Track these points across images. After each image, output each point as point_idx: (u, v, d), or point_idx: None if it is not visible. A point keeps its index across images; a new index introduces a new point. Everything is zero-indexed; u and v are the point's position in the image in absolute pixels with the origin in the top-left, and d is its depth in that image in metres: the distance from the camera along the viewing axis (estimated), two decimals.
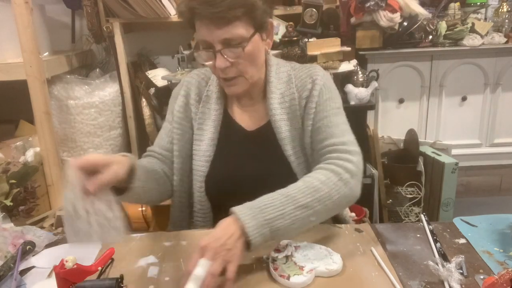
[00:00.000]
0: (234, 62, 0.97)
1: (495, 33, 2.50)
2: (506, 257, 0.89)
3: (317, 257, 0.87)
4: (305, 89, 1.07)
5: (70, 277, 0.77)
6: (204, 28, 0.94)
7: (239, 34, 0.94)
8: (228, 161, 1.10)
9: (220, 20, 0.91)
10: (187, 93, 1.14)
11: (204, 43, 0.97)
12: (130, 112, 2.39)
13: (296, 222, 0.84)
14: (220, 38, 0.93)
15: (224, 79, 1.01)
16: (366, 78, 2.30)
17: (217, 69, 0.98)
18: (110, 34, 2.27)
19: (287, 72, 1.10)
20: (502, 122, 2.67)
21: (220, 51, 0.95)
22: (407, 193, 2.21)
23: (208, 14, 0.91)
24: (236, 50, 0.95)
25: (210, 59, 0.98)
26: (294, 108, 1.07)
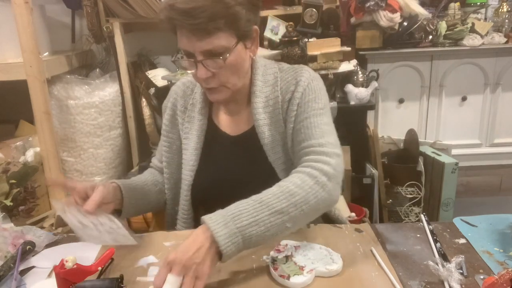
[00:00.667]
0: (216, 73, 0.94)
1: (495, 33, 2.50)
2: (506, 257, 0.89)
3: (317, 257, 0.87)
4: (288, 92, 1.04)
5: (70, 277, 0.77)
6: (184, 38, 0.91)
7: (221, 45, 0.91)
8: (212, 169, 1.09)
9: (201, 32, 0.88)
10: (173, 104, 1.15)
11: (185, 52, 0.95)
12: (130, 112, 2.39)
13: (271, 228, 0.80)
14: (201, 49, 0.91)
15: (207, 88, 1.00)
16: (366, 78, 2.30)
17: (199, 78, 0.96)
18: (110, 34, 2.27)
19: (273, 74, 1.07)
20: (502, 122, 2.67)
21: (202, 61, 0.92)
22: (407, 193, 2.21)
23: (187, 25, 0.88)
24: (217, 61, 0.92)
25: (192, 68, 0.96)
26: (277, 112, 1.04)
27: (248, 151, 1.08)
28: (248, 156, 1.08)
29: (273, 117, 1.05)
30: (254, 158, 1.06)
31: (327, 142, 0.95)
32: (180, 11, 0.86)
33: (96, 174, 2.33)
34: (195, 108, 1.11)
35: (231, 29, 0.91)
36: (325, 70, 2.19)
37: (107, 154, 2.35)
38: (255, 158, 1.06)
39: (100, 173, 2.34)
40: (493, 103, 2.64)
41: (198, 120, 1.10)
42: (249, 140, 1.07)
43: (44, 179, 2.03)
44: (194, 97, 1.12)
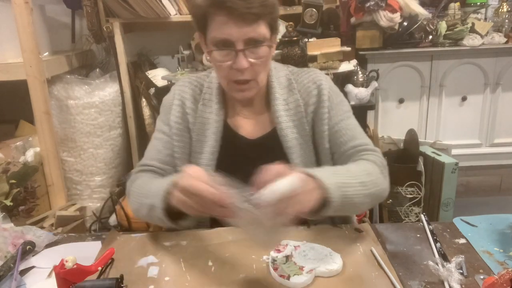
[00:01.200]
0: (253, 64, 0.93)
1: (495, 33, 2.50)
2: (506, 257, 0.89)
3: (317, 257, 0.87)
4: (311, 95, 1.05)
5: (70, 277, 0.77)
6: (229, 25, 0.89)
7: (263, 34, 0.91)
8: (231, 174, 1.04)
9: (250, 16, 0.88)
10: (182, 102, 1.08)
11: (223, 42, 0.91)
12: (130, 112, 2.39)
13: (357, 197, 0.86)
14: (246, 37, 0.90)
15: (237, 82, 0.96)
16: (366, 78, 2.30)
17: (233, 71, 0.94)
18: (110, 34, 2.27)
19: (286, 77, 1.08)
20: (502, 122, 2.67)
21: (244, 50, 0.91)
22: (407, 193, 2.21)
23: (242, 8, 0.86)
24: (258, 51, 0.92)
25: (228, 60, 0.93)
26: (300, 115, 1.05)
27: (270, 154, 1.03)
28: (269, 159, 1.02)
29: (295, 120, 1.05)
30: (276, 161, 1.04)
31: (370, 142, 1.04)
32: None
33: (96, 174, 2.33)
34: (207, 109, 1.07)
35: (270, 20, 0.93)
36: (325, 70, 2.19)
37: (107, 154, 2.35)
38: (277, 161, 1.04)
39: (100, 173, 2.34)
40: (493, 103, 2.64)
41: (215, 122, 1.05)
42: (270, 143, 1.06)
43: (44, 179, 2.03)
44: (205, 98, 1.07)
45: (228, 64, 0.93)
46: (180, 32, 2.44)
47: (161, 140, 1.09)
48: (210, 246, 0.95)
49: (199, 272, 0.86)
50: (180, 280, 0.84)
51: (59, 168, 2.07)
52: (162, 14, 2.21)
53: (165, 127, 1.09)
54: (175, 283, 0.83)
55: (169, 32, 2.51)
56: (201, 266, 0.88)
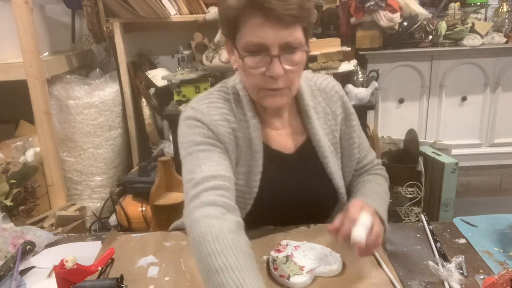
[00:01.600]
0: (288, 71, 0.87)
1: (495, 33, 2.50)
2: (506, 257, 0.89)
3: (317, 257, 0.87)
4: (336, 105, 1.04)
5: (70, 277, 0.77)
6: (265, 27, 0.82)
7: (299, 38, 0.86)
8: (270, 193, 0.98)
9: (288, 19, 0.82)
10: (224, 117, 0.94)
11: (257, 46, 0.84)
12: (130, 112, 2.40)
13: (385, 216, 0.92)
14: (282, 41, 0.84)
15: (269, 89, 0.89)
16: (366, 78, 2.30)
17: (266, 78, 0.87)
18: (110, 34, 2.27)
19: (306, 83, 1.03)
20: (502, 122, 2.67)
21: (279, 56, 0.85)
22: (407, 193, 2.21)
23: (280, 9, 0.80)
24: (294, 57, 0.86)
25: (262, 66, 0.86)
26: (330, 123, 1.03)
27: (307, 166, 1.02)
28: (307, 172, 1.02)
29: (326, 128, 1.03)
30: (314, 172, 1.02)
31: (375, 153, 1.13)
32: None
33: (96, 174, 2.33)
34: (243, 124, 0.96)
35: (305, 24, 0.87)
36: (325, 70, 2.19)
37: (107, 154, 2.35)
38: (315, 172, 1.02)
39: (100, 173, 2.34)
40: (493, 103, 2.64)
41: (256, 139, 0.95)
42: (306, 154, 1.02)
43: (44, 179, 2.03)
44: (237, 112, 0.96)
45: (261, 71, 0.87)
46: (180, 32, 2.44)
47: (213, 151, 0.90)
48: None
49: None
50: (180, 280, 0.84)
51: (59, 168, 2.07)
52: (162, 14, 2.21)
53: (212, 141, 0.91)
54: (175, 283, 0.83)
55: (169, 32, 2.51)
56: None
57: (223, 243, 0.72)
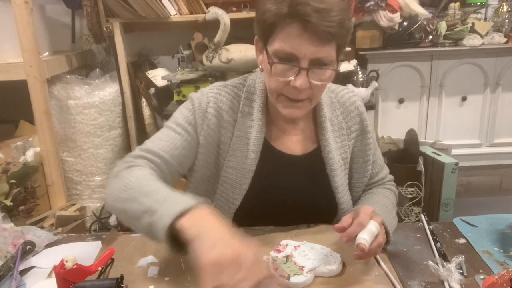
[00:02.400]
0: (312, 85, 0.87)
1: (495, 33, 2.50)
2: (506, 257, 0.89)
3: (317, 257, 0.86)
4: (353, 121, 1.04)
5: (70, 277, 0.76)
6: (300, 39, 0.82)
7: (331, 55, 0.85)
8: (264, 192, 1.00)
9: (326, 36, 0.81)
10: (218, 112, 0.97)
11: (289, 55, 0.84)
12: (130, 112, 2.39)
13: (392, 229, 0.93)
14: (314, 56, 0.83)
15: (289, 99, 0.90)
16: (366, 78, 2.30)
17: (290, 87, 0.87)
18: (110, 34, 2.27)
19: (326, 94, 1.03)
20: (502, 122, 2.67)
21: (308, 70, 0.84)
22: (407, 193, 2.21)
23: (320, 25, 0.79)
24: (322, 73, 0.86)
25: (290, 75, 0.86)
26: (343, 138, 1.03)
27: (311, 174, 1.02)
28: (311, 180, 1.02)
29: (338, 142, 1.02)
30: (318, 183, 1.01)
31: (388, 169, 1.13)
32: (315, 9, 0.79)
33: (96, 174, 2.33)
34: (247, 122, 0.98)
35: (340, 42, 0.86)
36: None
37: (107, 154, 2.35)
38: (319, 183, 1.01)
39: (100, 173, 2.34)
40: (493, 103, 2.64)
41: (255, 140, 0.97)
42: (313, 162, 1.02)
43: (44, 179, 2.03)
44: (243, 110, 0.98)
45: (287, 80, 0.86)
46: (180, 32, 2.44)
47: (181, 135, 0.95)
48: None
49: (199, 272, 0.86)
50: (180, 280, 0.84)
51: (59, 168, 2.07)
52: (162, 14, 2.21)
53: (189, 127, 0.96)
54: (175, 283, 0.83)
55: (169, 32, 2.51)
56: None
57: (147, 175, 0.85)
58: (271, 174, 1.00)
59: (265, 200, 1.00)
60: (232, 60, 2.07)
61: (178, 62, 2.32)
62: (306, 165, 1.02)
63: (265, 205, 1.00)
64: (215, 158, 1.00)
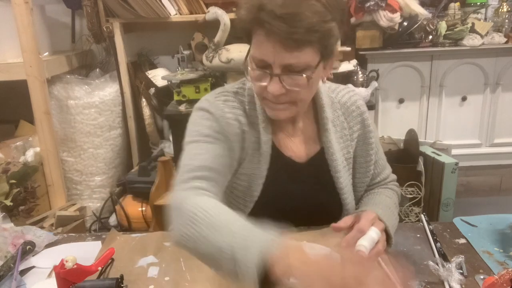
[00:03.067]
0: (290, 90, 0.84)
1: (495, 33, 2.50)
2: (506, 257, 0.89)
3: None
4: (354, 121, 1.02)
5: (70, 277, 0.77)
6: (266, 46, 0.79)
7: (306, 61, 0.80)
8: (274, 199, 0.98)
9: (291, 42, 0.77)
10: (236, 118, 0.94)
11: (260, 62, 0.83)
12: (130, 112, 2.39)
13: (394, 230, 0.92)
14: (283, 63, 0.80)
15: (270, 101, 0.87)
16: (366, 78, 2.30)
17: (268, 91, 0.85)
18: (110, 34, 2.27)
19: (326, 93, 1.01)
20: (502, 122, 2.67)
21: (279, 76, 0.82)
22: (407, 193, 2.21)
23: (281, 33, 0.76)
24: (297, 78, 0.82)
25: (263, 81, 0.84)
26: (346, 138, 1.01)
27: (317, 178, 1.01)
28: (316, 183, 1.01)
29: (341, 143, 1.01)
30: (324, 185, 1.00)
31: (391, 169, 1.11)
32: (275, 15, 0.75)
33: (96, 174, 2.33)
34: (254, 126, 0.95)
35: (319, 46, 0.81)
36: None
37: (107, 154, 2.35)
38: (325, 185, 1.00)
39: (100, 173, 2.34)
40: (493, 103, 2.64)
41: (264, 143, 0.94)
42: (318, 165, 1.00)
43: (44, 179, 2.03)
44: (251, 114, 0.96)
45: (264, 85, 0.85)
46: (180, 32, 2.44)
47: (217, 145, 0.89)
48: None
49: (199, 272, 0.86)
50: (180, 280, 0.84)
51: (59, 168, 2.07)
52: (162, 14, 2.21)
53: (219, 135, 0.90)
54: (175, 283, 0.83)
55: (169, 32, 2.51)
56: (201, 266, 0.88)
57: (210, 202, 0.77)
58: (281, 180, 0.98)
59: (275, 206, 0.98)
60: (232, 60, 2.07)
61: (178, 62, 2.32)
62: (312, 169, 1.01)
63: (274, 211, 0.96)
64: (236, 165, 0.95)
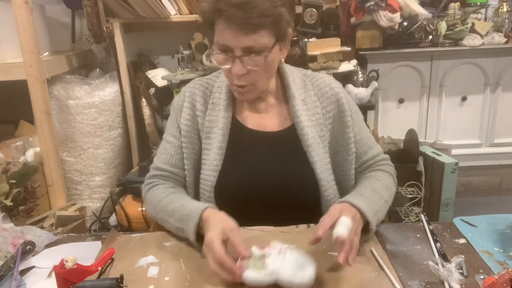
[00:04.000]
0: (250, 71, 0.96)
1: (495, 33, 2.50)
2: (506, 257, 0.89)
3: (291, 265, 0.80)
4: (329, 101, 1.08)
5: (70, 277, 0.76)
6: (227, 32, 0.92)
7: (262, 43, 0.93)
8: (239, 169, 1.07)
9: (247, 27, 0.90)
10: (192, 104, 1.10)
11: (223, 47, 0.95)
12: (130, 112, 2.40)
13: (383, 214, 0.96)
14: (243, 45, 0.92)
15: (236, 85, 1.00)
16: (366, 78, 2.30)
17: (232, 74, 0.97)
18: (110, 34, 2.27)
19: (300, 78, 1.10)
20: (502, 122, 2.67)
21: (240, 57, 0.94)
22: (407, 193, 2.21)
23: (237, 19, 0.89)
24: (256, 59, 0.94)
25: (227, 64, 0.96)
26: (318, 116, 1.07)
27: (288, 151, 1.07)
28: (286, 155, 1.07)
29: (313, 121, 1.07)
30: (294, 158, 1.06)
31: (380, 148, 1.13)
32: (231, 4, 0.88)
33: (96, 174, 2.33)
34: (216, 107, 1.08)
35: (273, 29, 0.93)
36: (325, 70, 2.19)
37: (107, 154, 2.35)
38: (295, 158, 1.06)
39: (100, 173, 2.34)
40: (493, 103, 2.64)
41: (222, 118, 1.07)
42: (289, 140, 1.07)
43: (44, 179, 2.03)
44: (214, 97, 1.09)
45: (228, 68, 0.96)
46: (180, 32, 2.44)
47: (172, 144, 1.10)
48: None
49: (199, 272, 0.86)
50: (180, 280, 0.84)
51: (59, 168, 2.07)
52: (162, 14, 2.21)
53: (175, 130, 1.10)
54: (175, 283, 0.83)
55: (169, 32, 2.51)
56: (201, 266, 0.88)
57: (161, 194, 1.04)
58: (244, 151, 1.08)
59: (242, 177, 1.06)
60: None
61: (178, 62, 2.32)
62: (281, 142, 1.08)
63: (243, 182, 1.06)
64: (199, 144, 1.10)
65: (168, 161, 1.10)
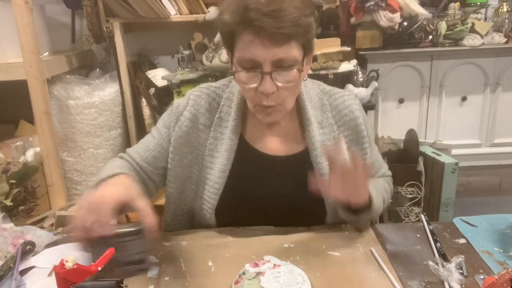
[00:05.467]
0: (281, 88, 0.86)
1: (495, 33, 2.50)
2: (506, 257, 0.89)
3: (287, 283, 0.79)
4: (347, 126, 1.02)
5: (70, 277, 0.76)
6: (255, 44, 0.82)
7: (293, 55, 0.85)
8: (243, 195, 1.00)
9: (279, 36, 0.81)
10: (194, 115, 1.00)
11: (250, 62, 0.85)
12: (130, 112, 2.39)
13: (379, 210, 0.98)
14: (274, 58, 0.83)
15: (262, 106, 0.90)
16: (366, 78, 2.30)
17: (259, 94, 0.87)
18: (110, 34, 2.27)
19: (317, 96, 1.03)
20: (502, 122, 2.67)
21: (271, 73, 0.84)
22: (407, 193, 2.21)
23: (271, 28, 0.80)
24: (287, 74, 0.85)
25: (254, 82, 0.87)
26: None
27: (297, 177, 0.99)
28: (296, 183, 0.99)
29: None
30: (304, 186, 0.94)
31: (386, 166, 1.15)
32: (262, 13, 0.80)
33: (96, 174, 2.33)
34: (223, 123, 1.00)
35: (303, 40, 0.86)
36: (325, 70, 2.19)
37: (107, 154, 2.35)
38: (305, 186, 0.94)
39: None
40: (493, 103, 2.64)
41: (229, 140, 0.99)
42: (299, 165, 1.00)
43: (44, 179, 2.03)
44: (222, 110, 1.00)
45: (254, 87, 0.87)
46: (180, 32, 2.44)
47: (154, 139, 1.04)
48: (210, 246, 0.95)
49: (199, 272, 0.86)
50: (180, 280, 0.84)
51: (59, 168, 2.07)
52: (162, 14, 2.21)
53: (163, 130, 1.04)
54: (175, 283, 0.83)
55: (169, 32, 2.51)
56: (201, 266, 0.88)
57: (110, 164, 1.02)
58: (249, 174, 1.01)
59: (244, 200, 1.00)
60: None
61: (178, 62, 2.32)
62: (291, 168, 1.01)
63: (246, 207, 1.00)
64: (193, 159, 1.02)
65: (141, 153, 1.03)
